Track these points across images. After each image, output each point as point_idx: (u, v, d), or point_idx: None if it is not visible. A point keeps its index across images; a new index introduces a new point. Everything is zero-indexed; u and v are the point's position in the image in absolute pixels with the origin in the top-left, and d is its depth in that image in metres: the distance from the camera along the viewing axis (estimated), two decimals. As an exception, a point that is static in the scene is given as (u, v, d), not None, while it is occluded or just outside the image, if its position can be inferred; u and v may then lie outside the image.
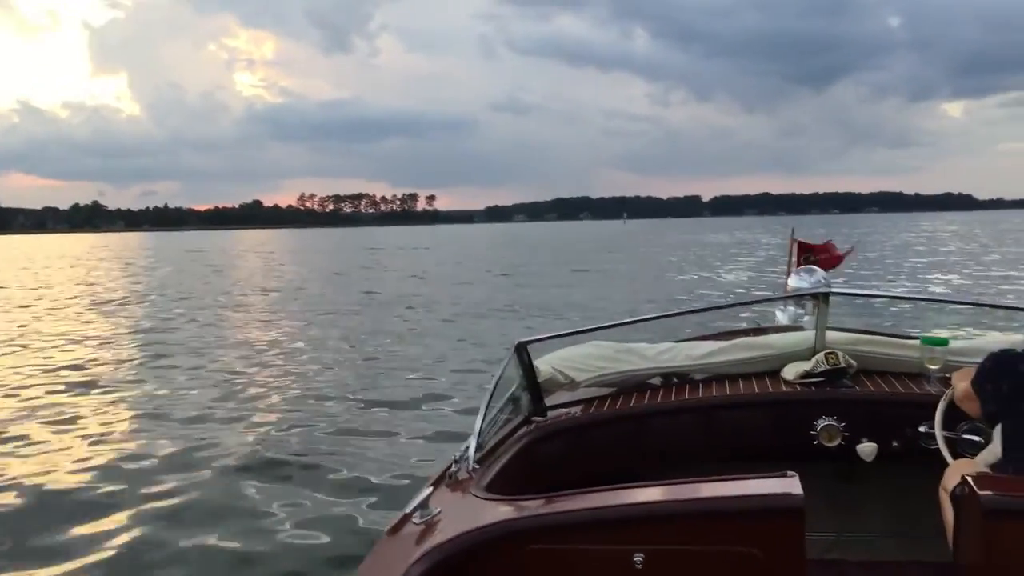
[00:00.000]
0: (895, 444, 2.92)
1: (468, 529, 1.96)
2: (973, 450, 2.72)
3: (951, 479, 2.38)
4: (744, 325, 4.85)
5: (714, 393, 3.18)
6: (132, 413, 8.88)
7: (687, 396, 3.19)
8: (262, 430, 8.02)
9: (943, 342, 3.12)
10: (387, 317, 17.68)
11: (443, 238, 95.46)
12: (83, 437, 7.88)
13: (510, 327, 14.67)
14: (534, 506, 2.06)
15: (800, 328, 3.98)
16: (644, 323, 4.26)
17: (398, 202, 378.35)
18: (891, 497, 3.37)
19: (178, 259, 52.95)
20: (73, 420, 8.59)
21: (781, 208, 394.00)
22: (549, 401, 3.22)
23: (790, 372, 3.23)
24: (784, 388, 3.13)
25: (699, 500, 1.95)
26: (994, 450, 2.52)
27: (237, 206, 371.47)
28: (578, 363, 3.33)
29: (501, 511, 2.06)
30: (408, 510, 2.11)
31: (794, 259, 4.91)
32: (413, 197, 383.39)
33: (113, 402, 9.48)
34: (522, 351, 3.09)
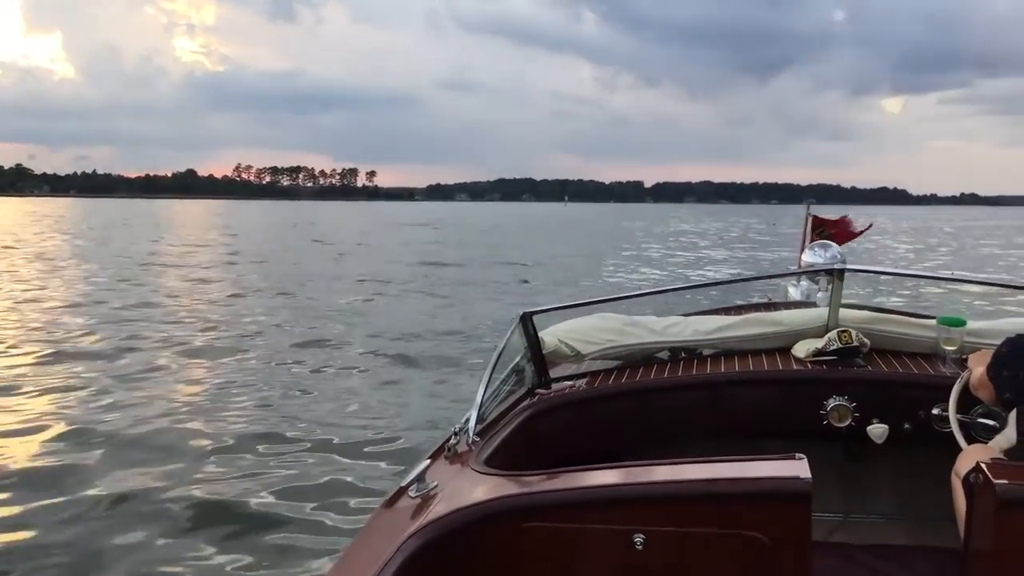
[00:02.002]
0: (907, 426, 2.84)
1: (465, 505, 1.91)
2: (987, 435, 2.65)
3: (964, 465, 2.31)
4: (755, 299, 4.75)
5: (723, 369, 3.09)
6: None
7: (695, 372, 3.10)
8: (251, 401, 7.99)
9: (960, 322, 3.03)
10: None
11: (386, 216, 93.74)
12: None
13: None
14: (533, 482, 1.99)
15: (813, 304, 3.87)
16: (652, 296, 4.19)
17: (338, 176, 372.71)
18: (900, 480, 3.32)
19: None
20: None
21: (722, 196, 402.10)
22: (553, 373, 3.14)
23: (801, 350, 3.13)
24: (795, 366, 3.05)
25: (704, 482, 1.87)
26: (1009, 435, 2.48)
27: (170, 175, 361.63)
28: (584, 335, 3.22)
29: (500, 487, 1.99)
30: (405, 483, 2.06)
31: (808, 233, 4.79)
32: (353, 172, 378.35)
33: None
34: (527, 321, 2.99)
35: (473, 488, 2.01)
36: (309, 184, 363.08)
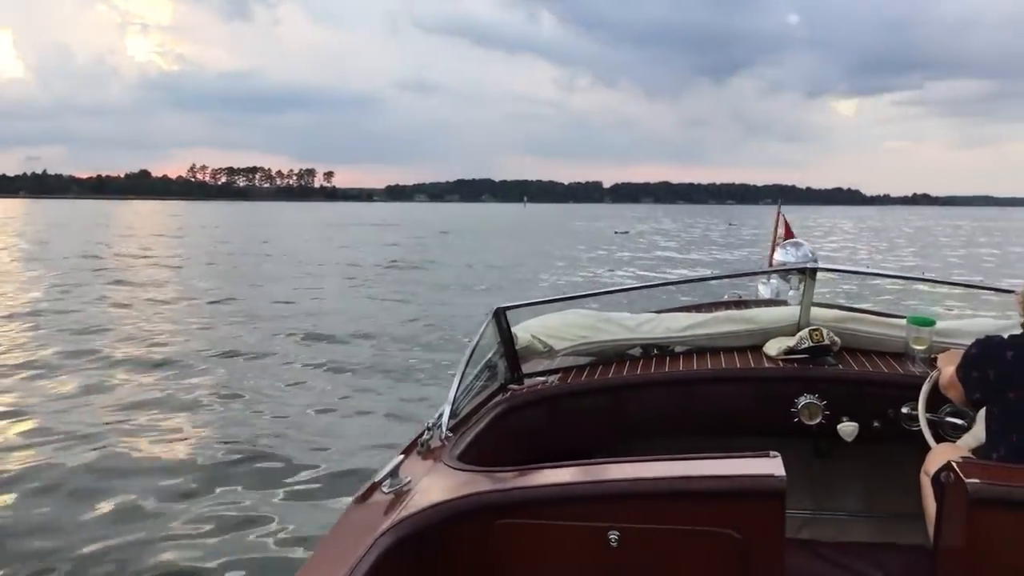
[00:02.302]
0: (876, 424, 2.87)
1: (438, 501, 1.89)
2: (955, 433, 2.71)
3: (934, 463, 2.35)
4: (726, 297, 4.72)
5: (695, 366, 3.09)
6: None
7: (667, 368, 3.10)
8: (220, 405, 7.84)
9: (930, 322, 3.06)
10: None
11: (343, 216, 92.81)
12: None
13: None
14: (508, 479, 1.97)
15: (783, 302, 3.90)
16: (625, 293, 4.29)
17: (295, 177, 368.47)
18: (868, 478, 3.34)
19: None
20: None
21: (679, 197, 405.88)
22: (526, 369, 3.12)
23: (773, 348, 3.15)
24: (767, 364, 3.07)
25: (678, 479, 1.86)
26: (977, 434, 2.53)
27: (123, 175, 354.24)
28: (557, 331, 3.21)
29: (473, 483, 1.97)
30: (378, 478, 2.02)
31: (780, 232, 4.77)
32: (311, 172, 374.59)
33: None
34: (500, 316, 2.97)
35: (447, 484, 1.99)
36: (266, 185, 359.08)
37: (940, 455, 2.40)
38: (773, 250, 4.62)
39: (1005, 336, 2.25)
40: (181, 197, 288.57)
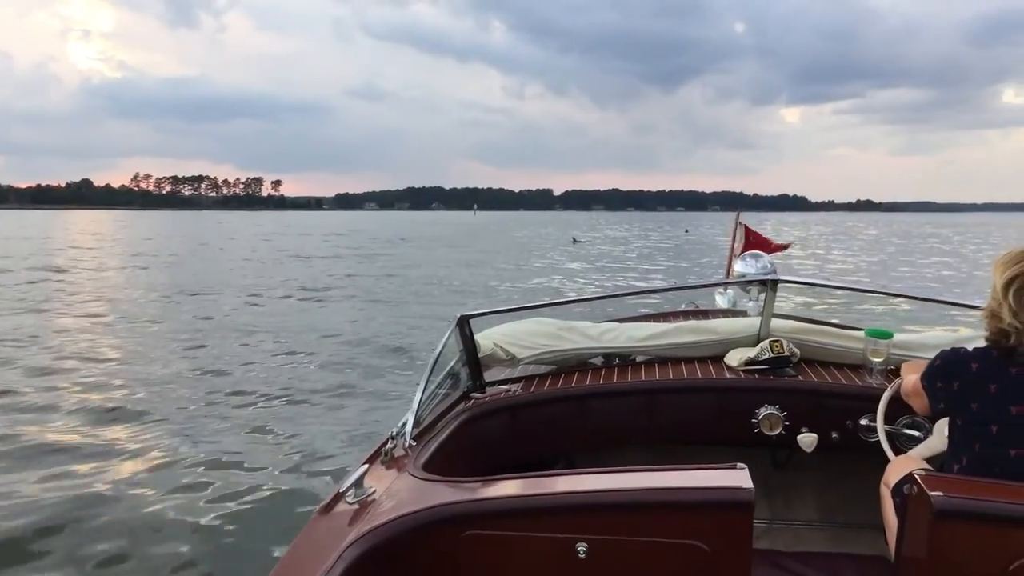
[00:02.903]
0: (835, 436, 2.90)
1: (404, 512, 1.86)
2: (911, 445, 2.75)
3: (893, 475, 2.40)
4: (684, 306, 4.75)
5: (657, 376, 3.11)
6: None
7: (629, 378, 3.12)
8: (182, 408, 7.74)
9: (887, 335, 3.11)
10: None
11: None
12: None
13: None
14: (472, 489, 1.96)
15: (740, 312, 3.94)
16: (588, 302, 4.45)
17: (242, 186, 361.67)
18: (825, 488, 3.39)
19: None
20: None
21: (630, 204, 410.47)
22: (489, 377, 3.14)
23: (734, 358, 3.18)
24: (727, 374, 3.09)
25: (646, 491, 1.85)
26: (931, 444, 2.62)
27: (64, 184, 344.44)
28: (520, 339, 3.21)
29: (438, 493, 1.95)
30: (342, 488, 2.01)
31: (739, 243, 4.80)
32: (258, 181, 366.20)
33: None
34: (464, 325, 2.97)
35: (412, 494, 1.97)
36: (212, 194, 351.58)
37: (899, 467, 2.45)
38: (731, 261, 4.63)
39: (970, 348, 2.25)
40: (124, 207, 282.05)
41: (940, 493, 1.78)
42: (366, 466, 2.12)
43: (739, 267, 4.14)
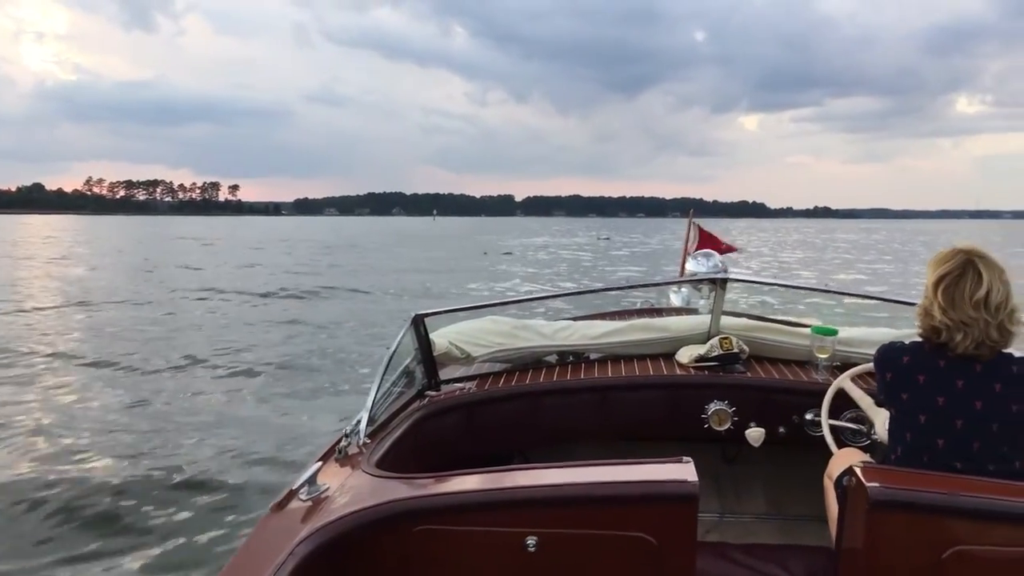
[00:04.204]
0: (782, 430, 2.98)
1: (356, 508, 1.88)
2: (855, 438, 2.85)
3: (836, 467, 2.50)
4: (639, 304, 4.94)
5: (609, 373, 3.16)
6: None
7: (582, 375, 3.16)
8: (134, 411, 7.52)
9: (832, 332, 3.19)
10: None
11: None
12: None
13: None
14: (425, 485, 1.98)
15: (693, 310, 4.10)
16: (542, 300, 4.70)
17: (198, 191, 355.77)
18: (774, 481, 3.48)
19: None
20: None
21: (591, 210, 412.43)
22: (444, 375, 3.16)
23: (685, 355, 3.24)
24: (678, 371, 3.15)
25: (593, 484, 1.89)
26: (880, 435, 2.68)
27: (14, 188, 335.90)
28: (475, 338, 3.24)
29: (390, 489, 1.96)
30: (295, 486, 2.01)
31: (692, 243, 4.90)
32: (215, 186, 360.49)
33: None
34: (419, 323, 3.00)
35: (365, 491, 1.98)
36: (167, 199, 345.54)
37: (842, 459, 2.55)
38: (684, 259, 4.71)
39: (907, 343, 2.32)
40: (76, 211, 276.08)
41: (876, 484, 1.83)
42: (320, 463, 2.12)
43: (690, 265, 4.22)
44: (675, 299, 4.79)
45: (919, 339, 2.26)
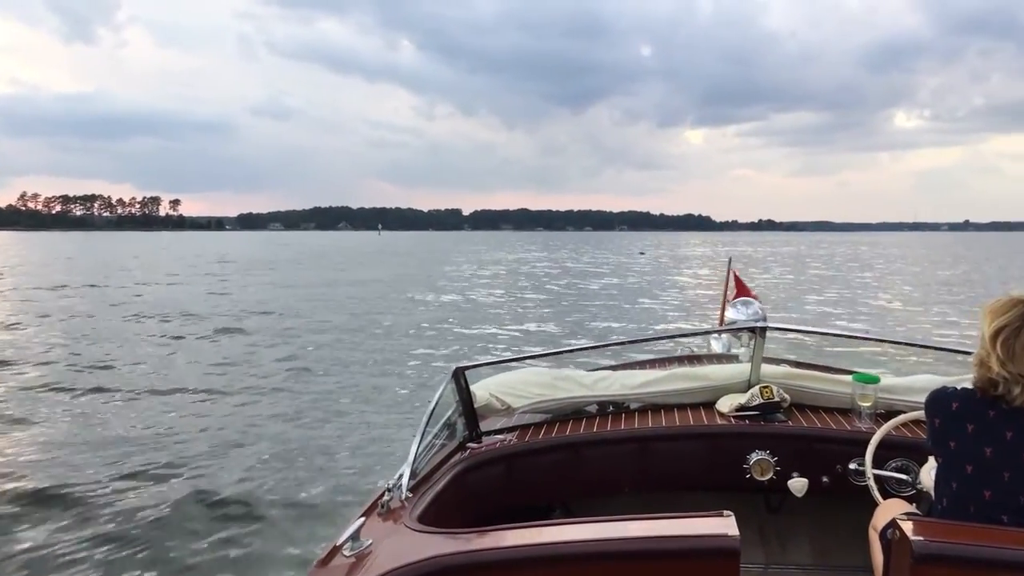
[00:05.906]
0: (825, 480, 2.96)
1: (399, 564, 1.88)
2: (901, 488, 2.83)
3: (881, 519, 2.47)
4: (679, 351, 4.82)
5: (650, 423, 3.17)
6: None
7: (623, 425, 3.17)
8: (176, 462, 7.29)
9: (874, 379, 3.16)
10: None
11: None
12: None
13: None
14: (468, 540, 1.99)
15: (734, 356, 4.08)
16: (583, 351, 4.74)
17: (138, 206, 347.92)
18: (818, 531, 3.46)
19: None
20: None
21: (539, 224, 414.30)
22: (484, 427, 3.16)
23: (725, 404, 3.23)
24: (719, 420, 3.15)
25: (634, 540, 1.89)
26: (925, 484, 2.69)
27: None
28: (515, 389, 3.24)
29: (433, 545, 1.97)
30: (339, 541, 2.02)
31: (731, 292, 4.94)
32: (155, 201, 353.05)
33: None
34: (459, 376, 3.02)
35: (408, 547, 1.98)
36: (106, 214, 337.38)
37: (887, 510, 2.51)
38: (724, 307, 4.80)
39: (958, 388, 2.30)
40: (9, 228, 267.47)
41: (920, 537, 1.81)
42: (363, 519, 2.11)
43: (730, 313, 4.23)
44: (716, 345, 4.81)
45: (969, 386, 2.23)
